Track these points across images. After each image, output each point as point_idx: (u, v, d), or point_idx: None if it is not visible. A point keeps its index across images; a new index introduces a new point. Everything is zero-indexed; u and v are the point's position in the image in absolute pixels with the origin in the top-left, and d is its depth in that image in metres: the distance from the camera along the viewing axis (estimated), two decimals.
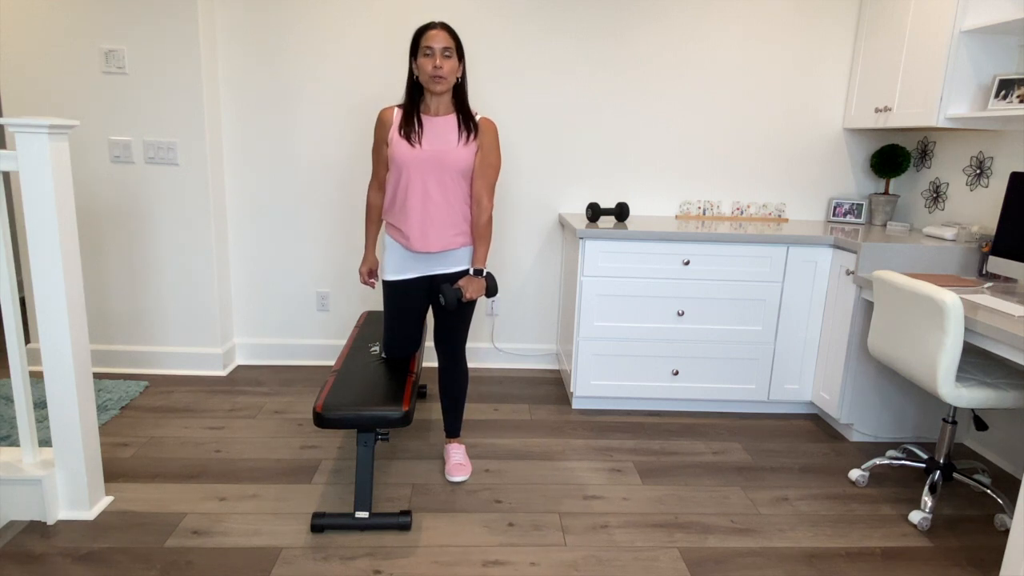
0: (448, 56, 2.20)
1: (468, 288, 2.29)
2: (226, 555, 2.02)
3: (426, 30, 2.22)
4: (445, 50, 2.19)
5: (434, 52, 2.18)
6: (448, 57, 2.20)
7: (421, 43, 2.21)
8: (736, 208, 3.54)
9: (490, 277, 2.34)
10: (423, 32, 2.22)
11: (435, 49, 2.18)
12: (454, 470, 2.50)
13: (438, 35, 2.19)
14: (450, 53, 2.20)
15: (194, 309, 3.38)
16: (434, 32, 2.19)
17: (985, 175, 2.93)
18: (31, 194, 1.95)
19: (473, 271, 2.34)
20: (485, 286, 2.32)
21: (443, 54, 2.19)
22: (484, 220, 2.33)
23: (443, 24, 2.23)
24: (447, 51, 2.20)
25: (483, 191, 2.32)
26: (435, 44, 2.18)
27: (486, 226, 2.34)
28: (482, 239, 2.34)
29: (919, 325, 2.21)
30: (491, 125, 2.33)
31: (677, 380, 3.13)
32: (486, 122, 2.33)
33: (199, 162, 3.21)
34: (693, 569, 2.04)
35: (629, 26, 3.32)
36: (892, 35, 3.06)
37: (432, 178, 2.26)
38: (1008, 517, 2.32)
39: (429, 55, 2.19)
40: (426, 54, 2.20)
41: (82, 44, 3.08)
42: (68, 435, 2.13)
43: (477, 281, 2.31)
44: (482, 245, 2.35)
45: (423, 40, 2.20)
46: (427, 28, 2.22)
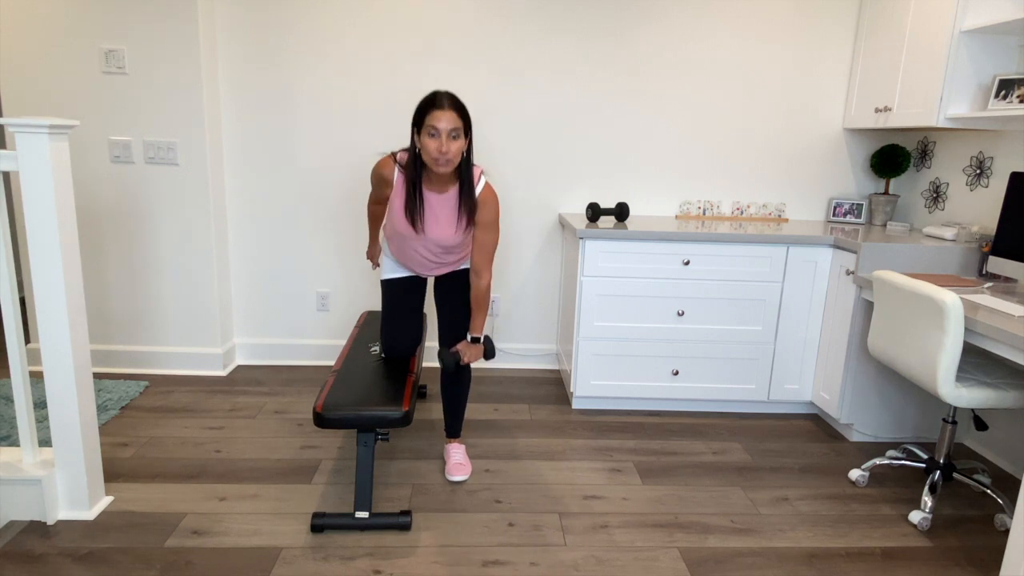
0: (455, 137, 2.06)
1: (466, 354, 2.37)
2: (226, 555, 2.02)
3: (432, 107, 2.04)
4: (452, 131, 2.04)
5: (440, 134, 2.04)
6: (455, 139, 2.06)
7: (426, 120, 2.05)
8: (736, 208, 3.54)
9: (488, 341, 2.41)
10: (428, 109, 2.05)
11: (441, 131, 2.03)
12: (454, 470, 2.50)
13: (445, 116, 2.03)
14: (457, 134, 2.06)
15: (194, 309, 3.38)
16: (440, 113, 2.03)
17: (985, 175, 2.93)
18: (31, 194, 1.95)
19: (471, 339, 2.39)
20: (483, 351, 2.39)
21: (450, 136, 2.05)
22: (483, 290, 2.33)
23: (451, 100, 2.05)
24: (454, 132, 2.05)
25: (482, 264, 2.29)
26: (441, 125, 2.03)
27: (484, 296, 2.34)
28: (480, 308, 2.36)
29: (919, 325, 2.21)
30: (492, 199, 2.23)
31: (677, 380, 3.13)
32: (487, 195, 2.23)
33: (199, 162, 3.21)
34: (693, 569, 2.04)
35: (629, 26, 3.32)
36: (892, 35, 3.06)
37: (432, 249, 2.31)
38: (1008, 517, 2.32)
39: (434, 136, 2.04)
40: (431, 135, 2.05)
41: (82, 44, 3.08)
42: (68, 435, 2.13)
43: (475, 347, 2.38)
44: (480, 314, 2.36)
45: (428, 118, 2.04)
46: (433, 105, 2.04)
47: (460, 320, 2.45)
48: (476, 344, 2.38)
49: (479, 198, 2.22)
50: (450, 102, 2.06)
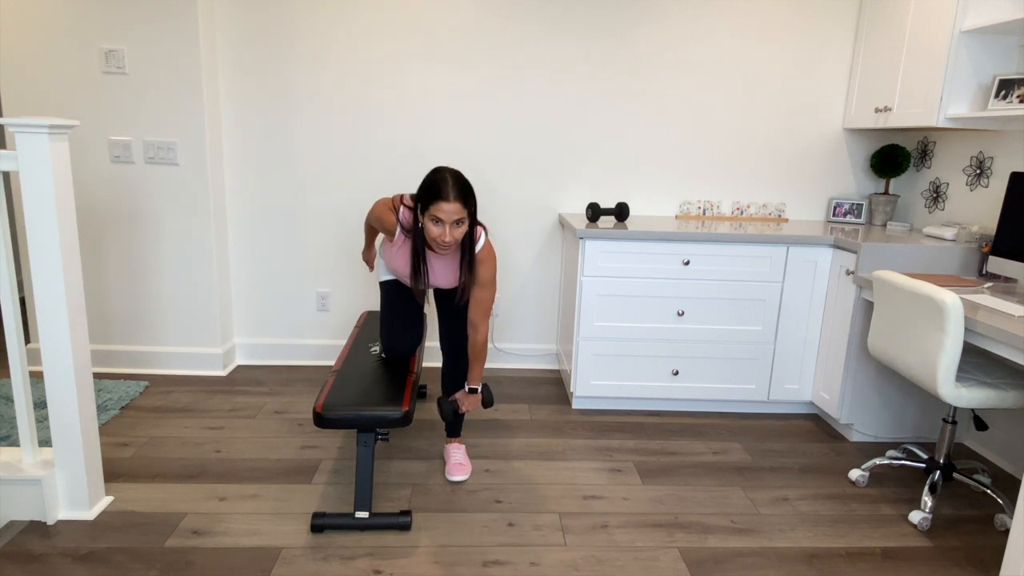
0: (459, 224, 2.07)
1: (464, 403, 2.41)
2: (226, 555, 2.02)
3: (437, 197, 2.03)
4: (457, 221, 2.06)
5: (444, 224, 2.05)
6: (459, 225, 2.07)
7: (431, 208, 2.05)
8: (736, 208, 3.54)
9: (486, 390, 2.43)
10: (434, 198, 2.03)
11: (445, 221, 2.04)
12: (454, 470, 2.50)
13: (451, 208, 2.02)
14: (462, 221, 2.07)
15: (194, 309, 3.38)
16: (446, 205, 2.02)
17: (985, 175, 2.93)
18: (31, 194, 1.95)
19: (468, 390, 2.42)
20: (481, 400, 2.42)
21: (454, 225, 2.06)
22: (480, 343, 2.34)
23: (458, 190, 2.04)
24: (459, 221, 2.06)
25: (478, 318, 2.31)
26: (446, 217, 2.03)
27: (482, 348, 2.36)
28: (477, 360, 2.38)
29: (919, 325, 2.21)
30: (490, 258, 2.25)
31: (677, 380, 3.12)
32: (486, 255, 2.24)
33: (199, 162, 3.21)
34: (693, 569, 2.04)
35: (629, 26, 3.32)
36: (892, 35, 3.06)
37: None
38: (1008, 517, 2.32)
39: (438, 224, 2.06)
40: (435, 222, 2.06)
41: (82, 44, 3.08)
42: (68, 435, 2.13)
43: (473, 397, 2.42)
44: (477, 365, 2.38)
45: (433, 208, 2.04)
46: (439, 195, 2.02)
47: (460, 321, 2.46)
48: (474, 394, 2.41)
49: (478, 256, 2.23)
50: (456, 192, 2.04)
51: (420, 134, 3.39)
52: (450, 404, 2.41)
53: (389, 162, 3.42)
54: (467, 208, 2.08)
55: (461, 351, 2.48)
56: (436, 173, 2.09)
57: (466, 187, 2.08)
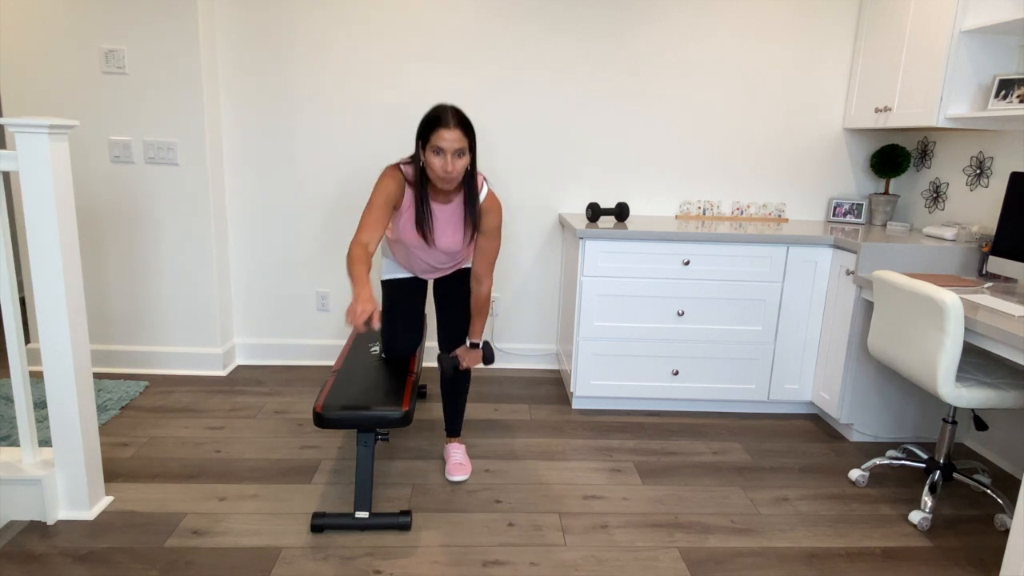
0: (460, 155, 2.07)
1: (465, 358, 2.41)
2: (226, 555, 2.02)
3: (437, 125, 2.04)
4: (458, 150, 2.06)
5: (445, 153, 2.05)
6: (460, 156, 2.07)
7: (431, 139, 2.05)
8: (736, 208, 3.54)
9: (487, 346, 2.43)
10: (434, 127, 2.05)
11: (446, 150, 2.04)
12: (454, 470, 2.50)
13: (451, 135, 2.03)
14: (462, 152, 2.07)
15: (194, 309, 3.38)
16: (446, 132, 2.03)
17: (985, 175, 2.93)
18: (31, 194, 1.95)
19: (470, 344, 2.42)
20: (482, 356, 2.42)
21: (455, 154, 2.06)
22: (483, 296, 2.35)
23: (457, 119, 2.05)
24: (460, 151, 2.06)
25: (483, 270, 2.32)
26: (447, 145, 2.04)
27: (485, 301, 2.37)
28: (480, 314, 2.39)
29: (919, 325, 2.21)
30: (496, 207, 2.26)
31: (677, 380, 3.13)
32: (491, 203, 2.25)
33: (199, 162, 3.21)
34: (693, 569, 2.04)
35: (629, 26, 3.32)
36: (892, 35, 3.06)
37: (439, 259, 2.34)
38: (1008, 517, 2.32)
39: (440, 155, 2.06)
40: (436, 152, 2.06)
41: (82, 44, 3.08)
42: (68, 435, 2.13)
43: (474, 352, 2.42)
44: (480, 319, 2.40)
45: (434, 137, 2.04)
46: (439, 123, 2.04)
47: (459, 321, 2.46)
48: (475, 349, 2.41)
49: (483, 206, 2.24)
50: (456, 120, 2.05)
51: None
52: (451, 360, 2.38)
53: (389, 162, 3.41)
54: (468, 138, 2.08)
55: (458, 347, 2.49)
56: (434, 108, 2.10)
57: (465, 119, 2.09)
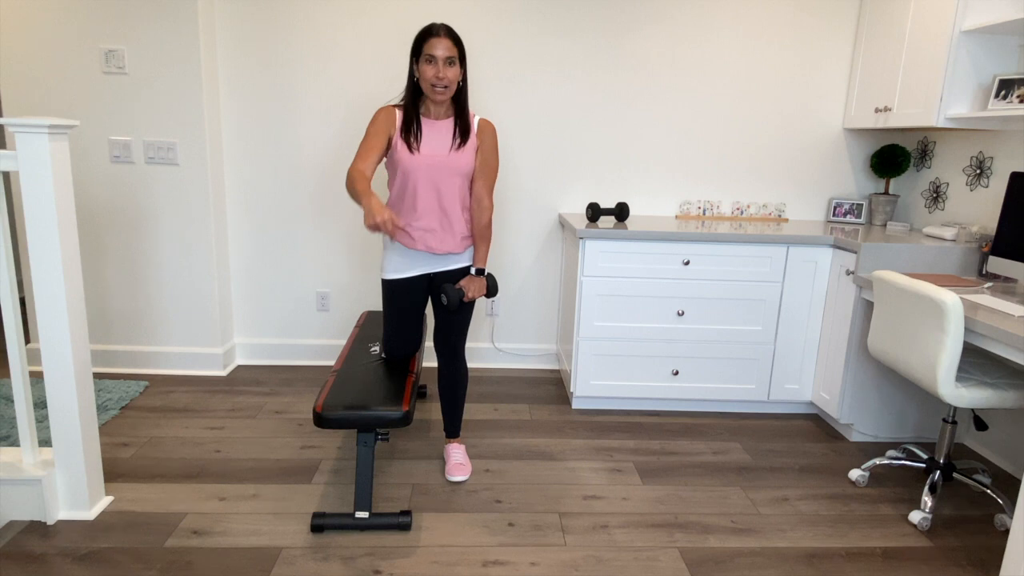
0: (451, 64, 2.16)
1: (470, 288, 2.35)
2: (226, 555, 2.02)
3: (428, 36, 2.15)
4: (448, 59, 2.14)
5: (436, 60, 2.13)
6: (451, 65, 2.16)
7: (423, 49, 2.15)
8: (736, 208, 3.54)
9: (491, 277, 2.39)
10: (426, 37, 2.15)
11: (438, 57, 2.13)
12: (454, 470, 2.50)
13: (441, 43, 2.13)
14: (453, 61, 2.16)
15: (194, 309, 3.38)
16: (437, 40, 2.13)
17: (985, 175, 2.93)
18: (31, 194, 1.95)
19: (475, 271, 2.39)
20: (486, 286, 2.38)
21: (446, 63, 2.14)
22: (485, 220, 2.36)
23: (446, 30, 2.16)
24: (450, 60, 2.15)
25: (483, 191, 2.34)
26: (438, 52, 2.13)
27: (487, 226, 2.37)
28: (483, 239, 2.38)
29: (919, 325, 2.21)
30: (490, 127, 2.33)
31: (677, 380, 3.13)
32: (485, 124, 2.32)
33: (199, 162, 3.21)
34: (693, 569, 2.04)
35: (629, 26, 3.32)
36: (892, 35, 3.06)
37: (436, 181, 2.28)
38: (1008, 517, 2.32)
39: (431, 63, 2.14)
40: (428, 61, 2.15)
41: (82, 44, 3.08)
42: (68, 435, 2.13)
43: (478, 281, 2.37)
44: (483, 244, 2.39)
45: (425, 46, 2.14)
46: (430, 33, 2.15)
47: (457, 325, 2.45)
48: (480, 277, 2.38)
49: (478, 125, 2.32)
50: (446, 31, 2.15)
51: None
52: (456, 291, 2.32)
53: None
54: (458, 48, 2.17)
55: (455, 353, 2.48)
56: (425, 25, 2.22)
57: (455, 32, 2.18)
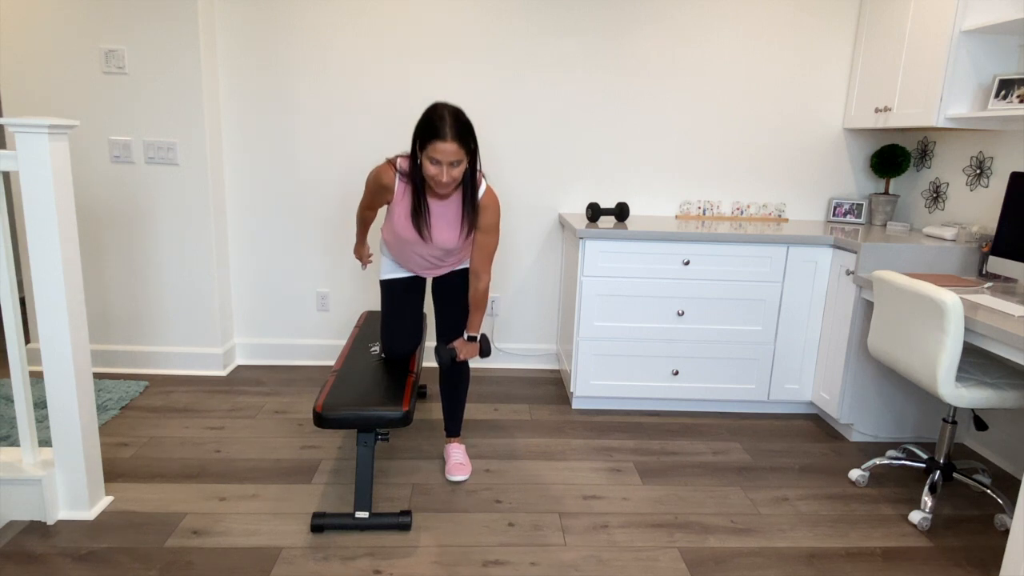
0: (457, 164, 2.04)
1: (462, 351, 2.40)
2: (226, 555, 2.02)
3: (434, 138, 1.98)
4: (454, 162, 2.02)
5: (441, 164, 2.02)
6: (457, 165, 2.04)
7: (428, 149, 2.01)
8: (736, 208, 3.54)
9: (484, 340, 2.43)
10: (431, 138, 1.99)
11: (443, 162, 2.02)
12: (454, 470, 2.50)
13: (448, 148, 1.98)
14: (459, 161, 2.03)
15: (194, 309, 3.38)
16: (443, 145, 1.98)
17: (985, 175, 2.93)
18: (31, 194, 1.95)
19: (467, 337, 2.41)
20: (479, 349, 2.42)
21: (451, 165, 2.03)
22: (481, 291, 2.34)
23: (455, 131, 1.98)
24: (456, 161, 2.03)
25: (481, 266, 2.30)
26: (443, 157, 2.00)
27: (483, 296, 2.35)
28: (478, 308, 2.37)
29: (919, 325, 2.21)
30: (493, 203, 2.22)
31: (677, 380, 3.13)
32: (489, 200, 2.22)
33: (199, 162, 3.21)
34: (693, 569, 2.04)
35: (630, 26, 3.32)
36: (892, 35, 3.06)
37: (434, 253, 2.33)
38: (1008, 517, 2.32)
39: (436, 164, 2.03)
40: (433, 162, 2.03)
41: (82, 44, 3.08)
42: (68, 435, 2.13)
43: (471, 345, 2.41)
44: (477, 314, 2.38)
45: (430, 148, 2.00)
46: (436, 135, 1.98)
47: (459, 320, 2.46)
48: (472, 342, 2.40)
49: (480, 203, 2.22)
50: (453, 132, 1.99)
51: None
52: (448, 351, 2.36)
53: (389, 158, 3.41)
54: (465, 148, 2.02)
55: None
56: (433, 110, 2.02)
57: (464, 126, 2.02)
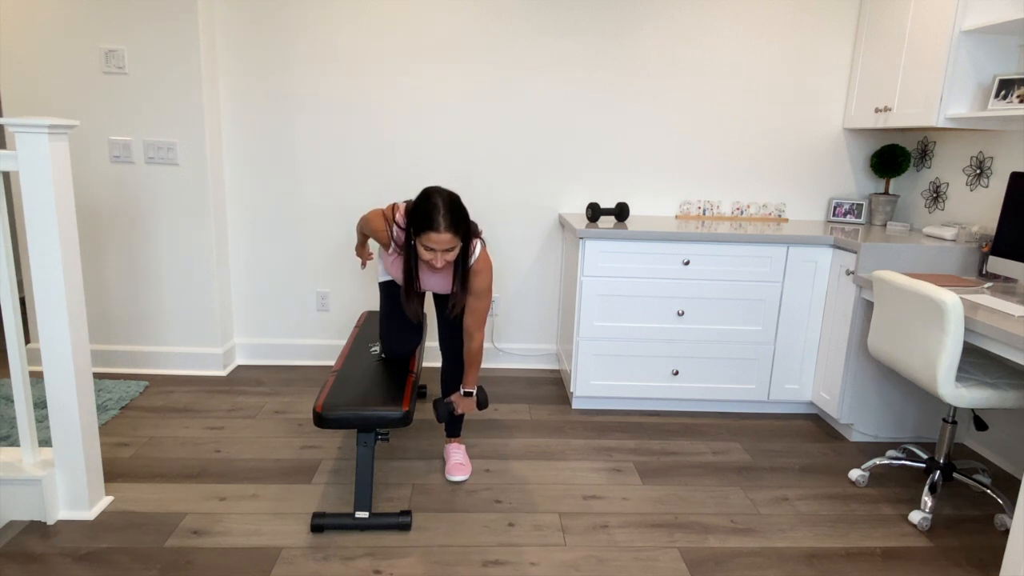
0: (451, 250, 2.08)
1: (460, 405, 2.44)
2: (226, 555, 2.02)
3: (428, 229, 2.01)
4: (448, 249, 2.07)
5: (436, 251, 2.06)
6: (451, 251, 2.08)
7: (422, 237, 2.04)
8: (736, 208, 3.54)
9: (481, 392, 2.46)
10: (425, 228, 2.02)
11: (437, 249, 2.06)
12: (454, 470, 2.50)
13: (442, 239, 2.02)
14: (453, 248, 2.08)
15: (194, 309, 3.38)
16: (437, 236, 2.01)
17: (985, 175, 2.93)
18: (31, 194, 1.95)
19: (463, 393, 2.43)
20: (476, 402, 2.45)
21: (445, 251, 2.07)
22: (475, 350, 2.34)
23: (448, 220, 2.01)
24: (450, 248, 2.07)
25: (473, 327, 2.31)
26: (438, 247, 2.05)
27: (477, 354, 2.36)
28: (472, 366, 2.38)
29: (919, 325, 2.21)
30: (486, 268, 2.24)
31: (677, 380, 3.12)
32: (482, 264, 2.23)
33: (199, 162, 3.21)
34: (693, 569, 2.04)
35: (629, 26, 3.32)
36: (892, 35, 3.06)
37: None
38: (1008, 517, 2.32)
39: (430, 251, 2.07)
40: (427, 249, 2.07)
41: (82, 44, 3.08)
42: (68, 435, 2.13)
43: (468, 400, 2.45)
44: (472, 370, 2.39)
45: (424, 238, 2.03)
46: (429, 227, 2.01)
47: (458, 326, 2.45)
48: (469, 397, 2.44)
49: (473, 267, 2.22)
50: (447, 223, 2.01)
51: (420, 134, 3.39)
52: (446, 406, 2.44)
53: (389, 162, 3.42)
54: (459, 235, 2.07)
55: (459, 354, 2.48)
56: (428, 199, 2.05)
57: (458, 215, 2.05)
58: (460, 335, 2.47)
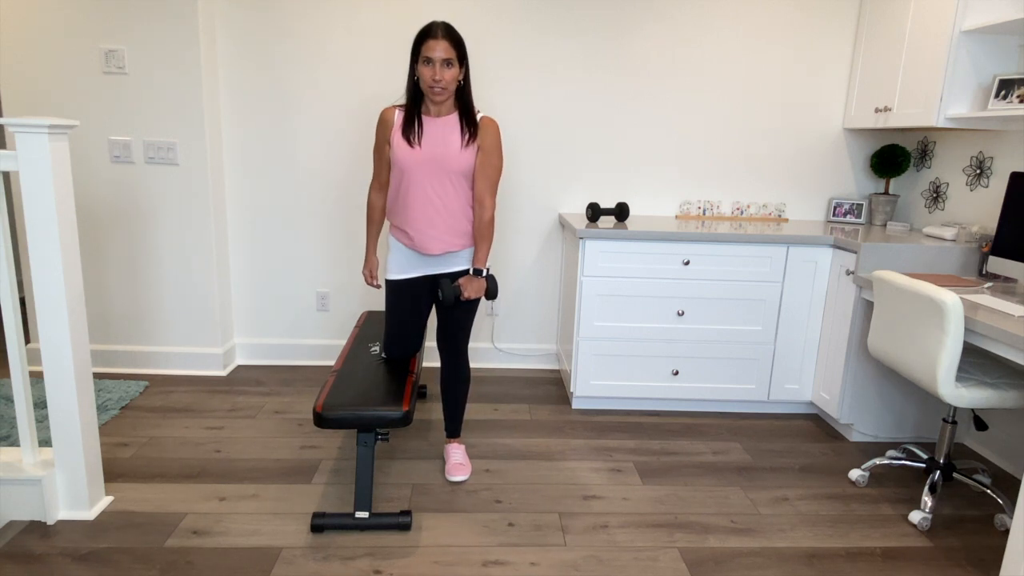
0: (449, 66, 2.15)
1: (467, 287, 2.30)
2: (226, 555, 2.02)
3: (426, 37, 2.14)
4: (445, 61, 2.13)
5: (433, 62, 2.13)
6: (449, 67, 2.15)
7: (421, 50, 2.15)
8: (736, 208, 3.54)
9: (491, 279, 2.33)
10: (423, 39, 2.14)
11: (435, 59, 2.13)
12: (454, 470, 2.50)
13: (439, 45, 2.12)
14: (451, 62, 2.15)
15: (194, 309, 3.38)
16: (434, 42, 2.12)
17: (985, 175, 2.93)
18: (31, 194, 1.95)
19: (473, 271, 2.34)
20: (485, 287, 2.32)
21: (443, 64, 2.13)
22: (486, 220, 2.31)
23: (445, 30, 2.14)
24: (448, 61, 2.14)
25: (485, 191, 2.30)
26: (435, 54, 2.12)
27: (488, 226, 2.32)
28: (484, 239, 2.32)
29: (919, 325, 2.21)
30: (493, 124, 2.30)
31: (677, 380, 3.13)
32: (488, 121, 2.29)
33: (199, 162, 3.21)
34: (693, 569, 2.04)
35: (630, 26, 3.32)
36: (892, 35, 3.06)
37: (433, 180, 2.26)
38: (1008, 517, 2.32)
39: (429, 65, 2.14)
40: (426, 63, 2.15)
41: (82, 44, 3.08)
42: (68, 435, 2.13)
43: (477, 281, 2.31)
44: (483, 245, 2.33)
45: (423, 48, 2.14)
46: (427, 35, 2.14)
47: (461, 321, 2.45)
48: (479, 277, 2.32)
49: (481, 121, 2.29)
50: (444, 32, 2.14)
51: None
52: (453, 289, 2.27)
53: None
54: (456, 49, 2.15)
55: (458, 353, 2.48)
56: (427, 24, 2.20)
57: (454, 32, 2.16)
58: (459, 335, 2.46)
